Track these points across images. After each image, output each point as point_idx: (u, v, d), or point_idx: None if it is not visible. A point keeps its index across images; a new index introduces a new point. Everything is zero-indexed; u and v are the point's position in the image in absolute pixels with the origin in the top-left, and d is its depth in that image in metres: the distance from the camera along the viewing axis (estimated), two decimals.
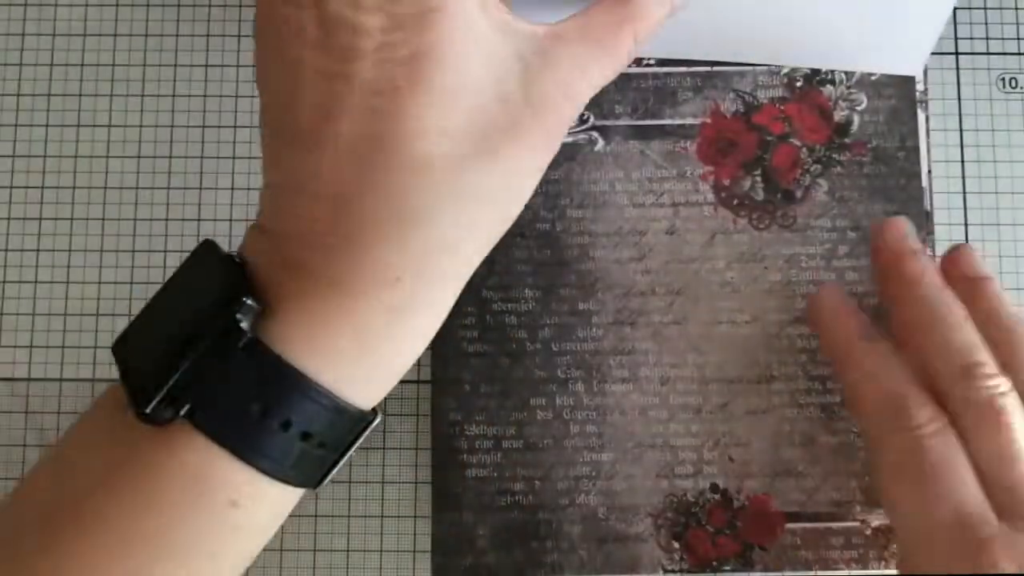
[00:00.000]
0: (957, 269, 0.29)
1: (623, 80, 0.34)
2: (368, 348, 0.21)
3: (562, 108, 0.23)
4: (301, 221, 0.22)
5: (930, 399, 0.26)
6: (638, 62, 0.34)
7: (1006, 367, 0.26)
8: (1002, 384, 0.26)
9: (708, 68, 0.34)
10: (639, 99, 0.34)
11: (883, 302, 0.29)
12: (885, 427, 0.27)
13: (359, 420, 0.23)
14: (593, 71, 0.23)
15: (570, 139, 0.34)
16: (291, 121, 0.22)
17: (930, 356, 0.27)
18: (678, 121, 0.34)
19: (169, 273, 0.34)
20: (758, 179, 0.34)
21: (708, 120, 0.34)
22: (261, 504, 0.22)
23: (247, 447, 0.21)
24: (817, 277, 0.33)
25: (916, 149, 0.34)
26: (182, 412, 0.21)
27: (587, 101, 0.24)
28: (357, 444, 0.23)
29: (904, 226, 0.30)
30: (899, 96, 0.34)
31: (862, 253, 0.33)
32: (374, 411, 0.23)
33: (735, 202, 0.33)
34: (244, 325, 0.20)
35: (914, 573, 0.26)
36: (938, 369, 0.27)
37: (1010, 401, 0.26)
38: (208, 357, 0.21)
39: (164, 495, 0.21)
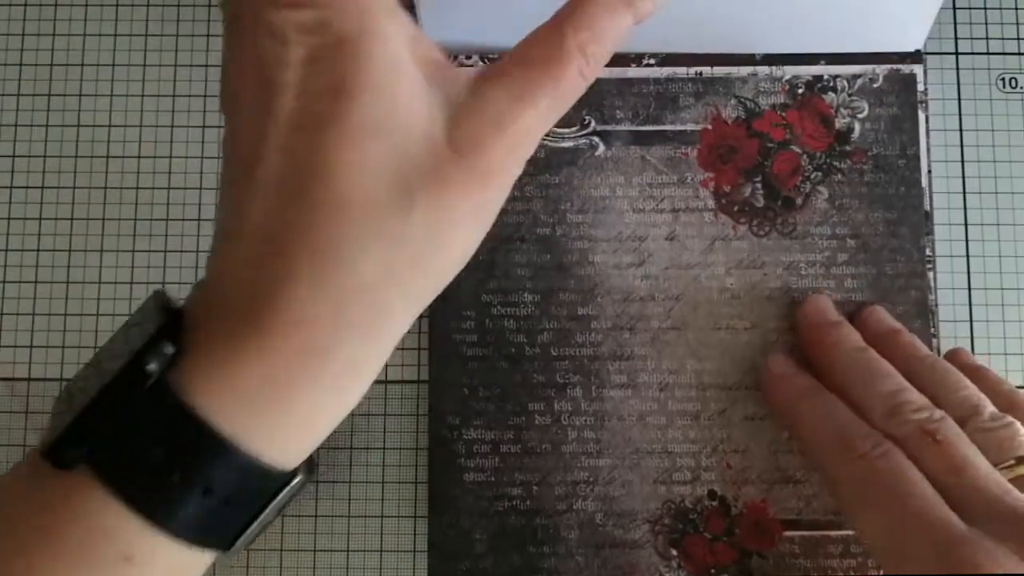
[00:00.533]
0: (869, 330, 0.31)
1: (624, 85, 0.34)
2: (280, 395, 0.20)
3: (496, 149, 0.21)
4: (228, 261, 0.21)
5: (873, 430, 0.28)
6: (638, 61, 0.34)
7: (936, 400, 0.28)
8: (934, 413, 0.27)
9: (710, 73, 0.34)
10: (640, 104, 0.34)
11: (814, 371, 0.31)
12: (838, 462, 0.28)
13: (271, 479, 0.21)
14: (538, 98, 0.21)
15: (571, 144, 0.34)
16: (231, 157, 0.21)
17: (863, 408, 0.28)
18: (679, 127, 0.34)
19: (169, 273, 0.34)
20: (758, 186, 0.34)
21: (709, 126, 0.34)
22: (158, 561, 0.20)
23: (142, 498, 0.20)
24: (816, 284, 0.33)
25: (917, 157, 0.34)
26: (85, 456, 0.20)
27: (537, 132, 0.22)
28: (275, 506, 0.22)
29: (824, 301, 0.32)
30: (900, 104, 0.34)
31: (861, 261, 0.33)
32: (295, 472, 0.22)
33: (735, 208, 0.33)
34: (151, 368, 0.20)
35: None
36: (872, 418, 0.28)
37: (945, 424, 0.27)
38: (115, 401, 0.20)
39: (59, 542, 0.19)
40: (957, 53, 0.35)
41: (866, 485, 0.27)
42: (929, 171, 0.34)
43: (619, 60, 0.34)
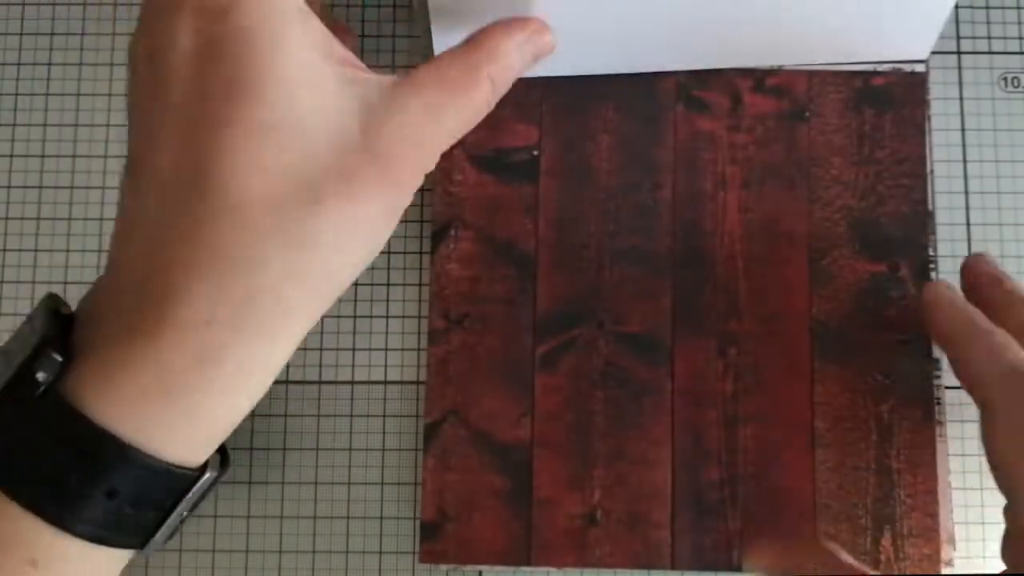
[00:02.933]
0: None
1: None
2: (176, 398, 0.20)
3: (409, 157, 0.21)
4: (124, 257, 0.21)
5: None
6: None
7: None
8: None
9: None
10: None
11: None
12: (1011, 392, 0.27)
13: (177, 478, 0.21)
14: (448, 118, 0.22)
15: None
16: (130, 152, 0.21)
17: None
18: None
19: None
20: None
21: None
22: (66, 565, 0.20)
23: (43, 503, 0.19)
24: None
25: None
26: None
27: (444, 148, 0.22)
28: (186, 504, 0.22)
29: (993, 257, 0.32)
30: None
31: None
32: (203, 468, 0.22)
33: None
34: (40, 376, 0.19)
35: None
36: None
37: None
38: (6, 410, 0.20)
39: None
40: (959, 52, 0.35)
41: None
42: (931, 171, 0.34)
43: None
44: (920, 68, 0.34)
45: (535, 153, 0.34)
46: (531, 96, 0.34)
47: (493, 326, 0.33)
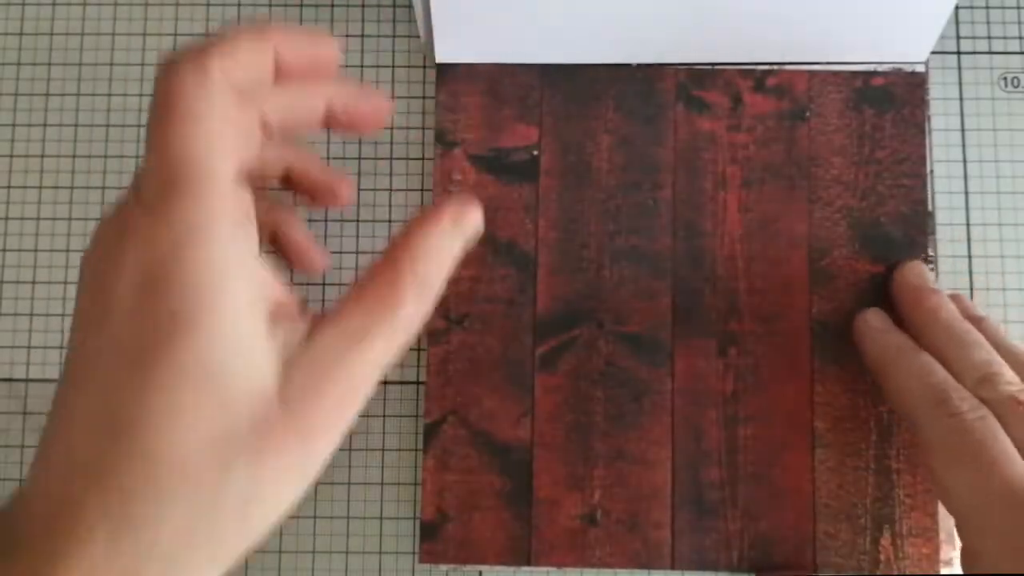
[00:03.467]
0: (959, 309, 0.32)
1: None
2: None
3: (325, 401, 0.20)
4: (36, 486, 0.19)
5: (970, 394, 0.28)
6: None
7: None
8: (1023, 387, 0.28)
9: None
10: None
11: (907, 331, 0.31)
12: (933, 415, 0.28)
13: None
14: (369, 345, 0.20)
15: None
16: (66, 364, 0.20)
17: (955, 373, 0.29)
18: None
19: None
20: None
21: None
22: None
23: None
24: None
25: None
26: None
27: (371, 381, 0.21)
28: None
29: (922, 267, 0.32)
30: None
31: None
32: None
33: None
34: None
35: (975, 550, 0.27)
36: (964, 383, 0.28)
37: None
38: None
39: None
40: (959, 52, 0.35)
41: (959, 444, 0.27)
42: (931, 171, 0.34)
43: None
44: (920, 68, 0.34)
45: (535, 153, 0.34)
46: (531, 96, 0.34)
47: (493, 326, 0.33)
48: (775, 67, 0.34)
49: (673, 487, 0.32)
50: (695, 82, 0.34)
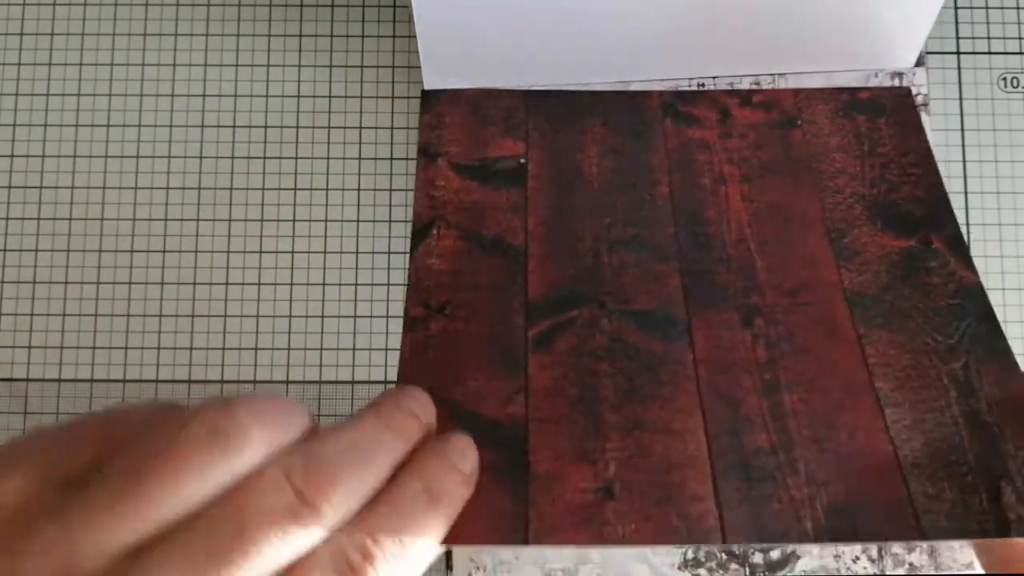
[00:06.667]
0: None
1: None
2: None
3: None
4: None
5: None
6: None
7: None
8: None
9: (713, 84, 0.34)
10: None
11: None
12: None
13: None
14: None
15: None
16: None
17: None
18: None
19: (167, 273, 0.34)
20: None
21: None
22: None
23: None
24: None
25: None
26: None
27: None
28: None
29: None
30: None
31: None
32: None
33: None
34: None
35: None
36: None
37: None
38: None
39: None
40: (959, 53, 0.35)
41: None
42: None
43: None
44: (908, 75, 0.34)
45: (522, 161, 0.33)
46: (516, 116, 0.33)
47: (479, 313, 0.30)
48: (759, 77, 0.34)
49: (711, 455, 0.29)
50: (681, 100, 0.34)
